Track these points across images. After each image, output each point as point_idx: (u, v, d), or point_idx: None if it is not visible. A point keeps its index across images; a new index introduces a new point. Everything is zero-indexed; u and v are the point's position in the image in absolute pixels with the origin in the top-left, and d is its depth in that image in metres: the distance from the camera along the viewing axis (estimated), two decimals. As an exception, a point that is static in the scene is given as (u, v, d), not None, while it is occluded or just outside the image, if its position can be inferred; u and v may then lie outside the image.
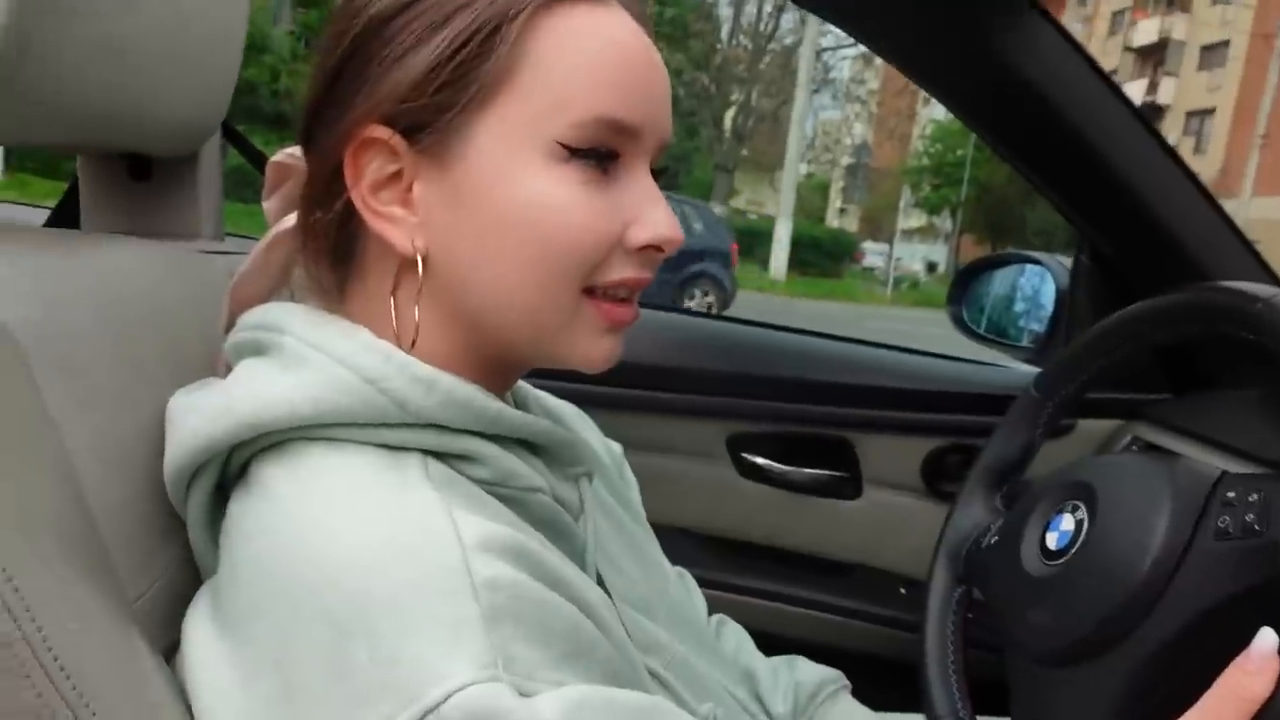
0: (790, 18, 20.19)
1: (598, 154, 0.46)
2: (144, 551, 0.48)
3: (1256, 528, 0.53)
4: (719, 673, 0.66)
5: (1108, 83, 0.85)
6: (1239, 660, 0.46)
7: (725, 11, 21.88)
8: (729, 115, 21.23)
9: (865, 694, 0.85)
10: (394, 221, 0.47)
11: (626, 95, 0.46)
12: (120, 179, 0.70)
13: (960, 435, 1.06)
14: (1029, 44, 0.82)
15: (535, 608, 0.41)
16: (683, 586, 0.76)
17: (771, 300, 12.25)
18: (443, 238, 0.46)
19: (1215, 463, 0.61)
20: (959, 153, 22.93)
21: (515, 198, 0.45)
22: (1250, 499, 0.54)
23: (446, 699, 0.36)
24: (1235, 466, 0.60)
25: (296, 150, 0.53)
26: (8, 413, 0.40)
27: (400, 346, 0.47)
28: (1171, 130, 29.41)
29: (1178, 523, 0.56)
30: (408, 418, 0.45)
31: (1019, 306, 1.24)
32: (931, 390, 1.09)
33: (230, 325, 0.53)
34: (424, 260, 0.47)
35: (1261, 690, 0.45)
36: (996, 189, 21.10)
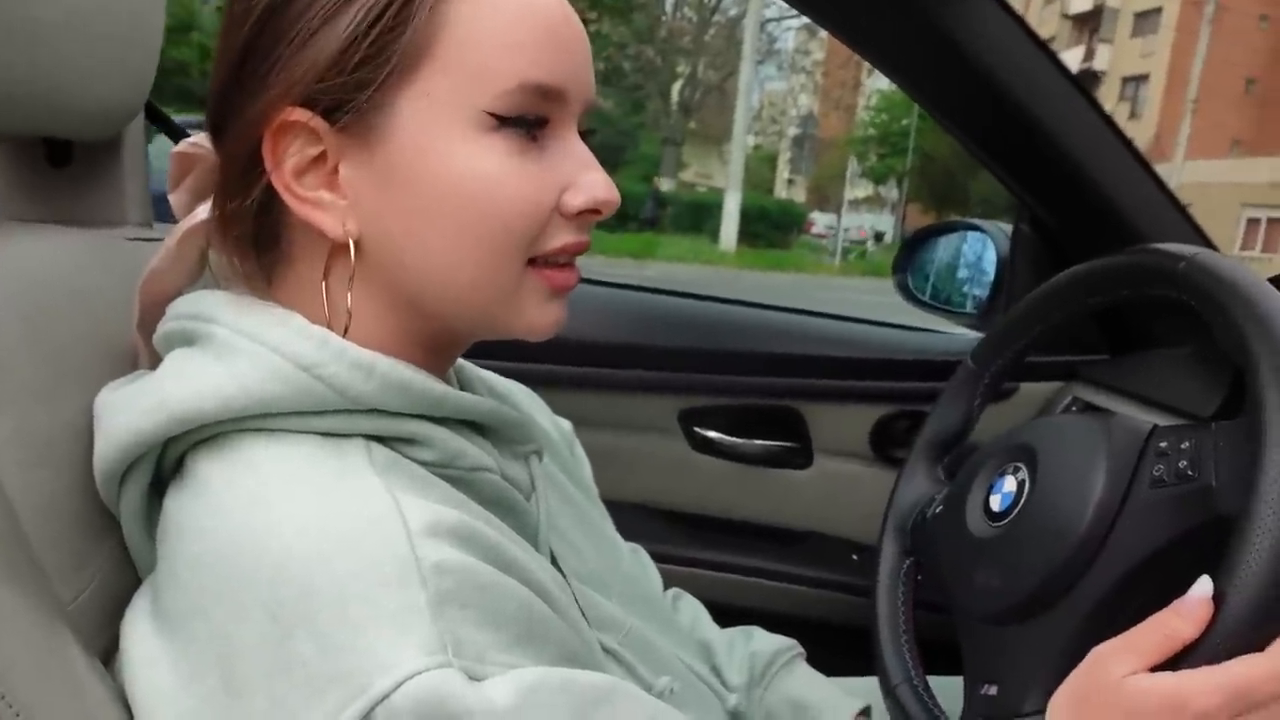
0: (734, -12, 20.12)
1: (526, 121, 0.45)
2: (76, 551, 0.46)
3: (1190, 473, 0.55)
4: (675, 646, 0.66)
5: (1045, 51, 0.85)
6: (1175, 603, 0.47)
7: (669, -17, 21.72)
8: (675, 88, 21.13)
9: (821, 659, 0.86)
10: (321, 206, 0.45)
11: (549, 58, 0.45)
12: (38, 165, 0.67)
13: (907, 402, 1.08)
14: (967, 13, 0.82)
15: (484, 591, 0.40)
16: (637, 562, 0.76)
17: (721, 273, 12.29)
18: (374, 219, 0.45)
19: (1149, 419, 0.63)
20: (904, 122, 23.14)
21: (446, 172, 0.44)
22: (1182, 447, 0.56)
23: (396, 688, 0.36)
24: (1167, 422, 0.62)
25: (199, 138, 0.51)
26: None
27: (334, 331, 0.46)
28: (1108, 96, 30.05)
29: (1114, 476, 0.57)
30: (347, 404, 0.44)
31: (963, 273, 1.26)
32: (878, 359, 1.10)
33: (142, 320, 0.51)
34: (356, 243, 0.45)
35: (1189, 632, 0.46)
36: (941, 158, 21.37)
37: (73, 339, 0.51)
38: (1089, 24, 31.63)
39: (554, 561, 0.56)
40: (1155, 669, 0.47)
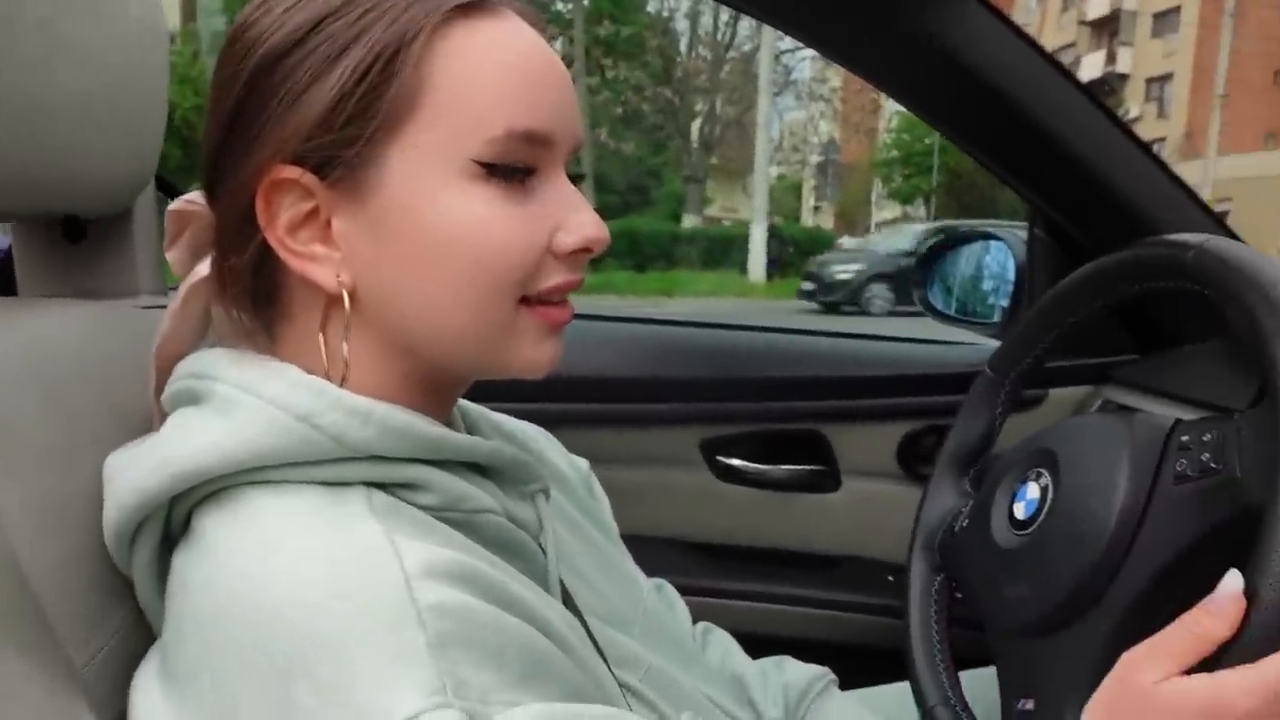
0: (746, 24, 20.34)
1: (515, 170, 0.45)
2: (90, 614, 0.47)
3: (1214, 465, 0.53)
4: (701, 682, 0.65)
5: (1042, 53, 0.85)
6: (1205, 601, 0.45)
7: (683, 24, 22.05)
8: (695, 126, 21.33)
9: (861, 684, 0.84)
10: (316, 260, 0.46)
11: (534, 105, 0.46)
12: (55, 242, 0.69)
13: (933, 416, 1.06)
14: (954, 18, 0.82)
15: (486, 631, 0.40)
16: (662, 599, 0.75)
17: (752, 305, 12.26)
18: (368, 269, 0.46)
19: (1177, 415, 0.61)
20: (926, 141, 23.09)
21: (438, 221, 0.45)
22: (1205, 439, 0.54)
23: None
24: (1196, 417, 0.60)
25: (194, 196, 0.52)
26: None
27: (333, 381, 0.46)
28: (1134, 97, 29.75)
29: (1138, 474, 0.56)
30: (346, 452, 0.44)
31: (988, 285, 1.24)
32: (901, 374, 1.08)
33: (159, 386, 0.52)
34: (351, 294, 0.46)
35: (1221, 632, 0.44)
36: (966, 174, 21.25)
37: (87, 407, 0.53)
38: (1107, 28, 31.45)
39: (570, 600, 0.56)
40: (1190, 671, 0.45)
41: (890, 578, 1.08)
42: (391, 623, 0.38)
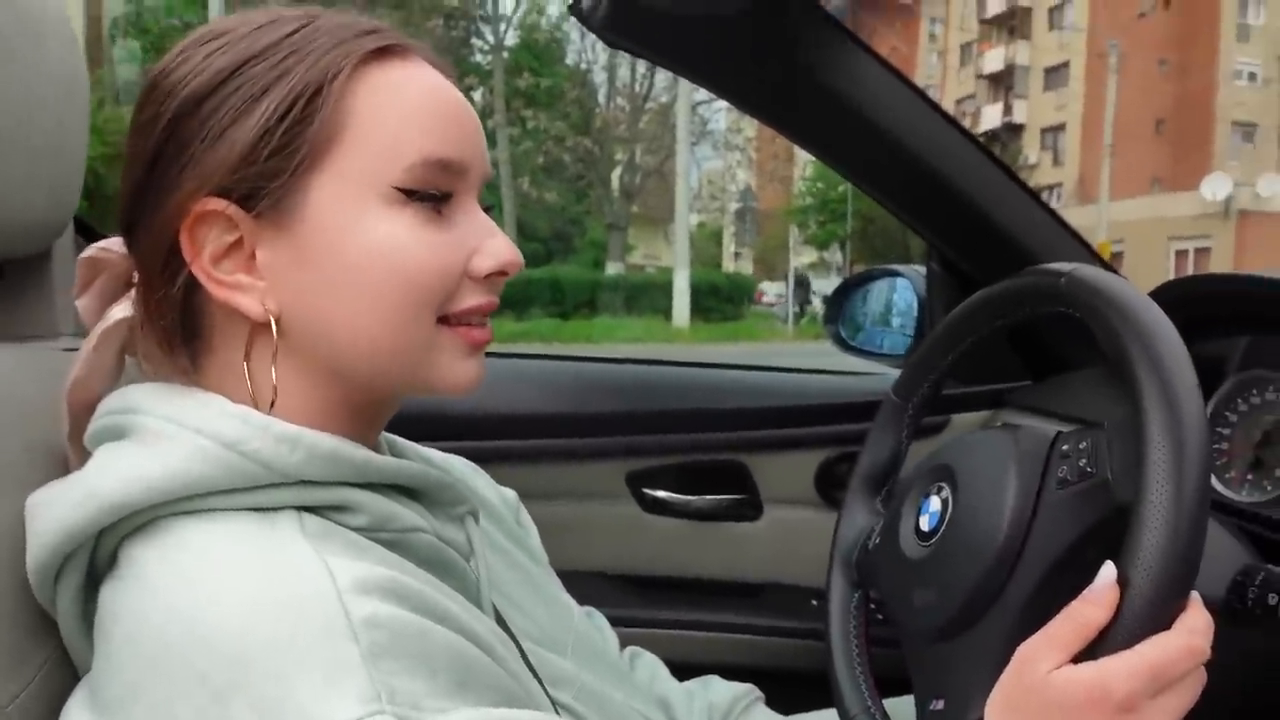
0: (663, 77, 20.81)
1: (433, 196, 0.48)
2: (13, 654, 0.47)
3: (1089, 470, 0.58)
4: (632, 700, 0.67)
5: (925, 99, 0.92)
6: (1085, 591, 0.50)
7: (601, 76, 22.45)
8: (616, 175, 21.63)
9: (787, 707, 0.87)
10: (241, 289, 0.48)
11: (448, 135, 0.49)
12: None
13: (847, 444, 1.10)
14: (853, 74, 0.89)
15: (418, 642, 0.42)
16: (592, 625, 0.77)
17: (676, 349, 12.38)
18: (293, 296, 0.48)
19: (1059, 430, 0.66)
20: (840, 189, 23.84)
21: (361, 246, 0.47)
22: (1081, 446, 0.59)
23: None
24: None
25: (107, 243, 0.53)
26: None
27: (260, 409, 0.47)
28: (1030, 146, 31.45)
29: (1025, 482, 0.60)
30: (275, 477, 0.46)
31: (896, 321, 1.31)
32: (816, 405, 1.13)
33: (72, 430, 0.53)
34: (277, 321, 0.48)
35: (1101, 617, 0.48)
36: (879, 219, 21.98)
37: (6, 449, 0.52)
38: (1003, 81, 33.29)
39: (502, 623, 0.57)
40: (1077, 658, 0.49)
41: (814, 602, 1.11)
42: (325, 636, 0.39)
